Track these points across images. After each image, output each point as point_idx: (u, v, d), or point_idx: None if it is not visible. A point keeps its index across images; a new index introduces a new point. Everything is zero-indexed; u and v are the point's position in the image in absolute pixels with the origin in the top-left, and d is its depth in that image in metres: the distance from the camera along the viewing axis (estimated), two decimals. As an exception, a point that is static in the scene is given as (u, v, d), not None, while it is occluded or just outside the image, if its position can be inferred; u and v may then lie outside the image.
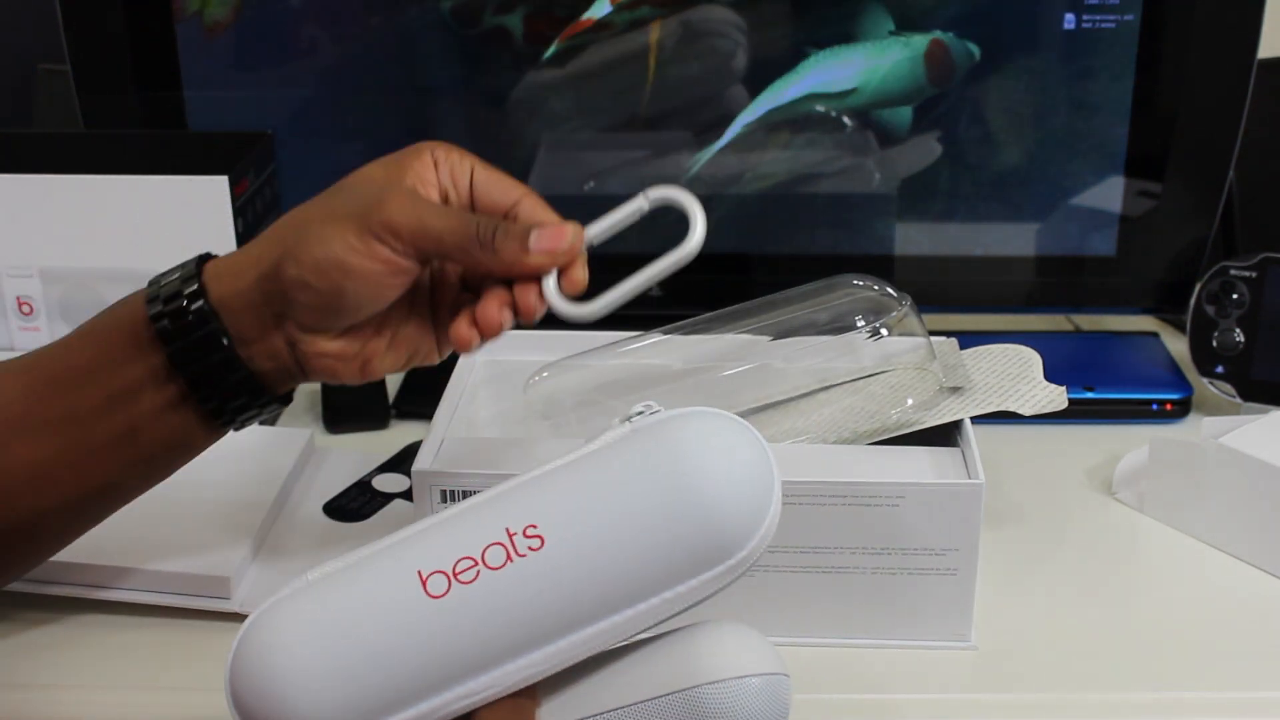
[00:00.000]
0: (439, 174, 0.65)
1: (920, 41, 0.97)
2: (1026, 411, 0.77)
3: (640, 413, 0.55)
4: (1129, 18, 0.96)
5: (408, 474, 0.87)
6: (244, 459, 0.85)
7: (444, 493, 0.70)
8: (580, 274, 0.65)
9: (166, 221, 0.87)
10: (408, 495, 0.85)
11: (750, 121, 1.00)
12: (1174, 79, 0.96)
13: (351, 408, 0.97)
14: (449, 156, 0.65)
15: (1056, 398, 0.78)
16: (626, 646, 0.54)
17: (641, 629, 0.52)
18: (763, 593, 0.71)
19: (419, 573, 0.51)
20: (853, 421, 0.78)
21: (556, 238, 0.63)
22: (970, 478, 0.71)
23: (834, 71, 0.98)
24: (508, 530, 0.51)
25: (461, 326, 0.64)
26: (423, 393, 1.00)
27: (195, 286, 0.62)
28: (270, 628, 0.51)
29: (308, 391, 1.02)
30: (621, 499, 0.51)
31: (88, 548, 0.74)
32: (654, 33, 0.98)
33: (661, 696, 0.52)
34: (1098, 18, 0.96)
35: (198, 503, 0.80)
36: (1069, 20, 0.96)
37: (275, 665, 0.50)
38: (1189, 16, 0.95)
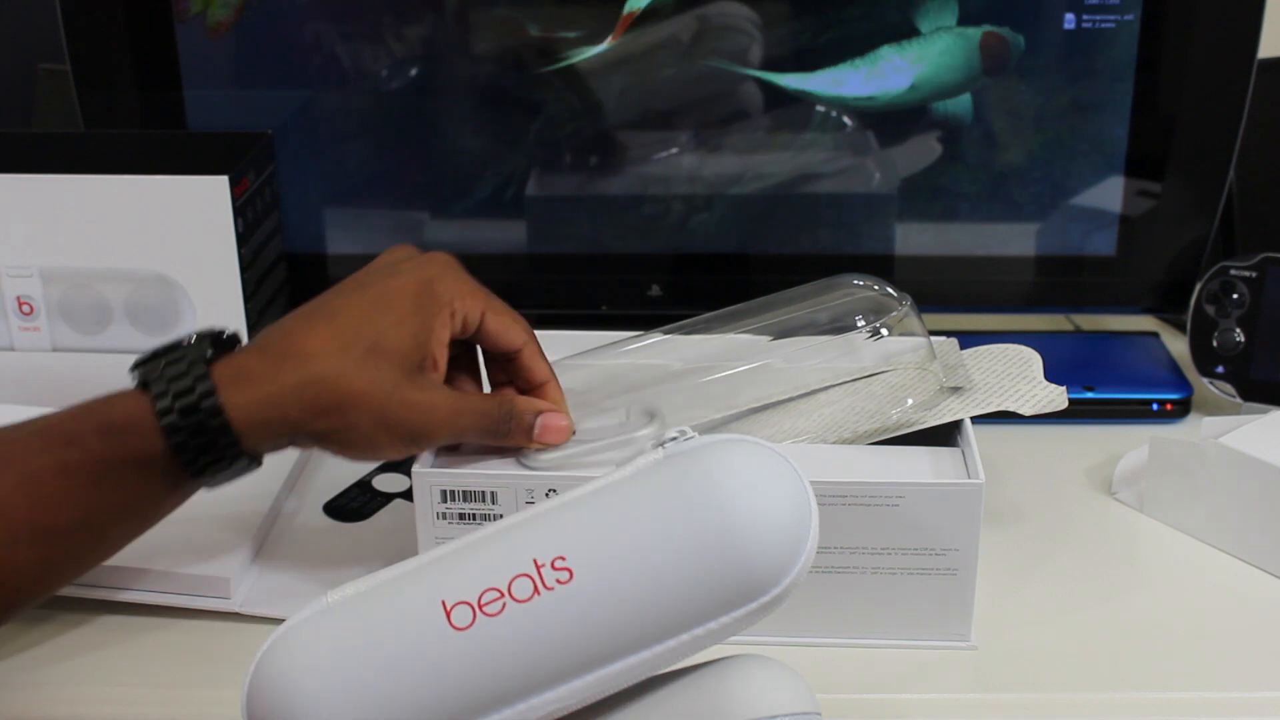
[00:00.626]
0: (453, 324, 0.70)
1: (974, 33, 0.96)
2: (1027, 411, 0.77)
3: (674, 438, 0.53)
4: (1129, 18, 0.96)
5: (407, 473, 0.87)
6: None
7: (444, 492, 0.70)
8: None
9: (167, 221, 0.87)
10: (408, 495, 0.85)
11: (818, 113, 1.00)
12: (1174, 79, 0.96)
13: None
14: (464, 305, 0.70)
15: (1057, 398, 0.78)
16: (655, 679, 0.53)
17: (670, 665, 0.51)
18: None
19: (443, 603, 0.49)
20: (853, 421, 0.78)
21: (555, 435, 0.71)
22: (970, 477, 0.71)
23: (894, 64, 0.98)
24: (535, 561, 0.50)
25: None
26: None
27: (231, 437, 0.63)
28: (290, 651, 0.50)
29: (308, 391, 1.02)
30: (653, 532, 0.50)
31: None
32: (664, 30, 0.98)
33: None
34: (1098, 18, 0.96)
35: (197, 503, 0.79)
36: (1069, 20, 0.96)
37: (294, 691, 0.49)
38: (1189, 16, 0.95)
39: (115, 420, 0.63)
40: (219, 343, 0.66)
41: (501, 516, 0.65)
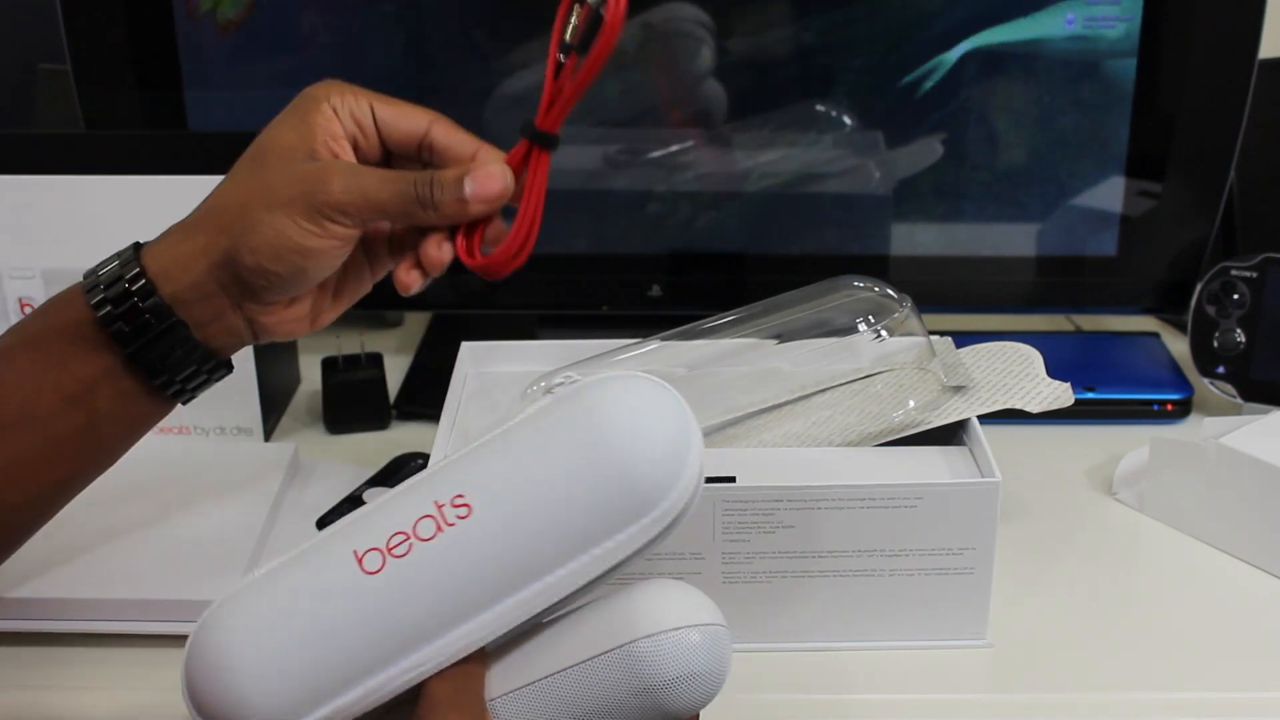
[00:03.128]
0: (342, 122, 0.66)
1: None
2: (1033, 409, 0.77)
3: (560, 384, 0.55)
4: (1130, 18, 0.96)
5: (397, 487, 0.87)
6: (232, 478, 0.85)
7: None
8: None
9: (169, 222, 0.87)
10: None
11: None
12: (1175, 79, 0.97)
13: (352, 409, 0.97)
14: (345, 100, 0.66)
15: (1062, 394, 0.78)
16: (572, 609, 0.55)
17: (577, 587, 0.53)
18: (781, 597, 0.72)
19: (354, 552, 0.52)
20: (857, 423, 0.78)
21: (489, 183, 0.65)
22: (984, 476, 0.71)
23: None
24: (436, 503, 0.52)
25: (403, 273, 0.68)
26: (423, 393, 1.00)
27: (143, 282, 0.63)
28: (218, 625, 0.52)
29: (308, 393, 1.02)
30: (542, 461, 0.52)
31: (83, 581, 0.74)
32: (652, 30, 0.98)
33: (602, 654, 0.53)
34: (1098, 18, 0.96)
35: (190, 526, 0.80)
36: (1070, 20, 0.96)
37: (224, 659, 0.51)
38: (1190, 17, 0.95)
39: (49, 302, 0.65)
40: None
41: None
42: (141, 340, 0.63)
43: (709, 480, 0.70)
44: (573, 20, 0.64)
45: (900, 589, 0.71)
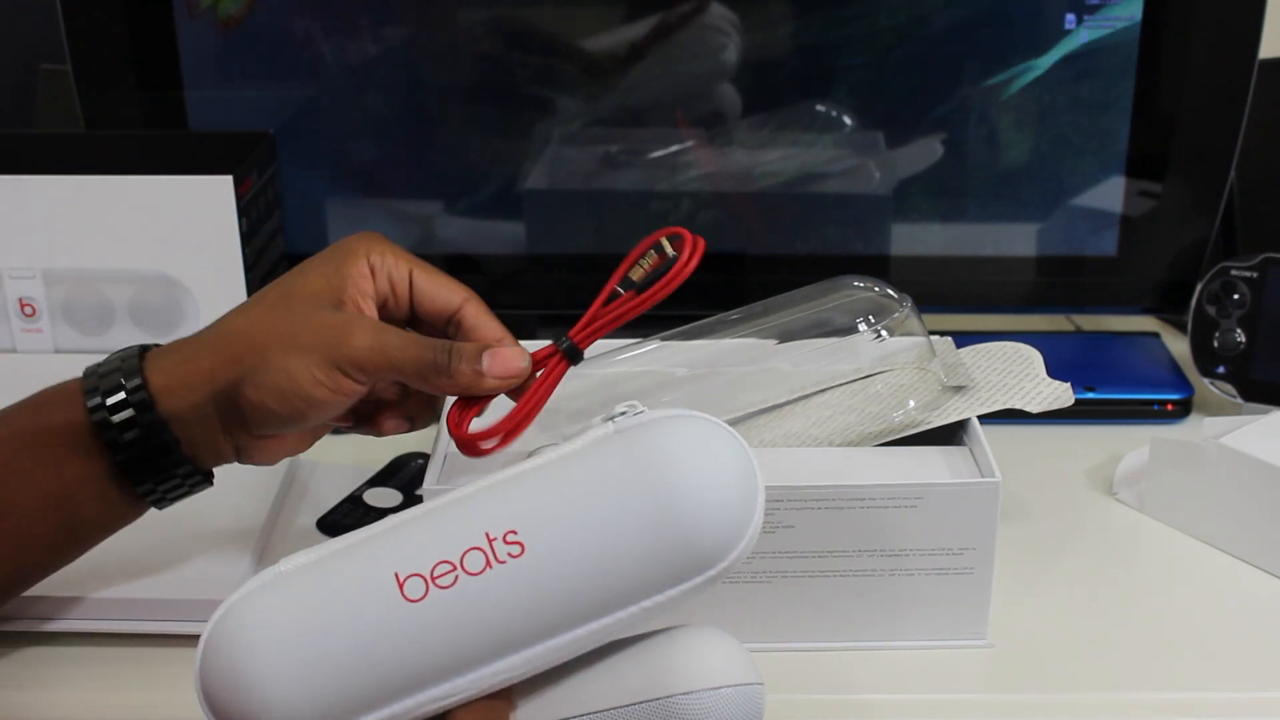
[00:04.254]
0: (376, 282, 0.67)
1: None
2: (1034, 409, 0.77)
3: (624, 413, 0.54)
4: (1130, 18, 0.96)
5: (398, 488, 0.87)
6: (232, 478, 0.84)
7: None
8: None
9: (170, 222, 0.87)
10: (400, 510, 0.84)
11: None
12: (1175, 79, 0.97)
13: (353, 408, 0.97)
14: (385, 260, 0.67)
15: (1063, 394, 0.78)
16: (604, 648, 0.54)
17: (618, 635, 0.52)
18: (782, 598, 0.72)
19: (396, 574, 0.50)
20: (858, 424, 0.78)
21: (508, 362, 0.65)
22: (984, 476, 0.71)
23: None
24: (487, 535, 0.50)
25: (388, 420, 0.69)
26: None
27: (143, 395, 0.63)
28: (242, 621, 0.50)
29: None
30: (603, 507, 0.51)
31: (83, 580, 0.74)
32: (657, 26, 0.98)
33: (636, 704, 0.52)
34: (1099, 18, 0.96)
35: (191, 526, 0.79)
36: (1070, 20, 0.96)
37: (247, 660, 0.50)
38: (1190, 17, 0.95)
39: (44, 396, 0.65)
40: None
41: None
42: (132, 451, 0.63)
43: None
44: (645, 262, 0.66)
45: (900, 589, 0.71)
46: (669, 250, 0.65)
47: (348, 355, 0.62)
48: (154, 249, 0.88)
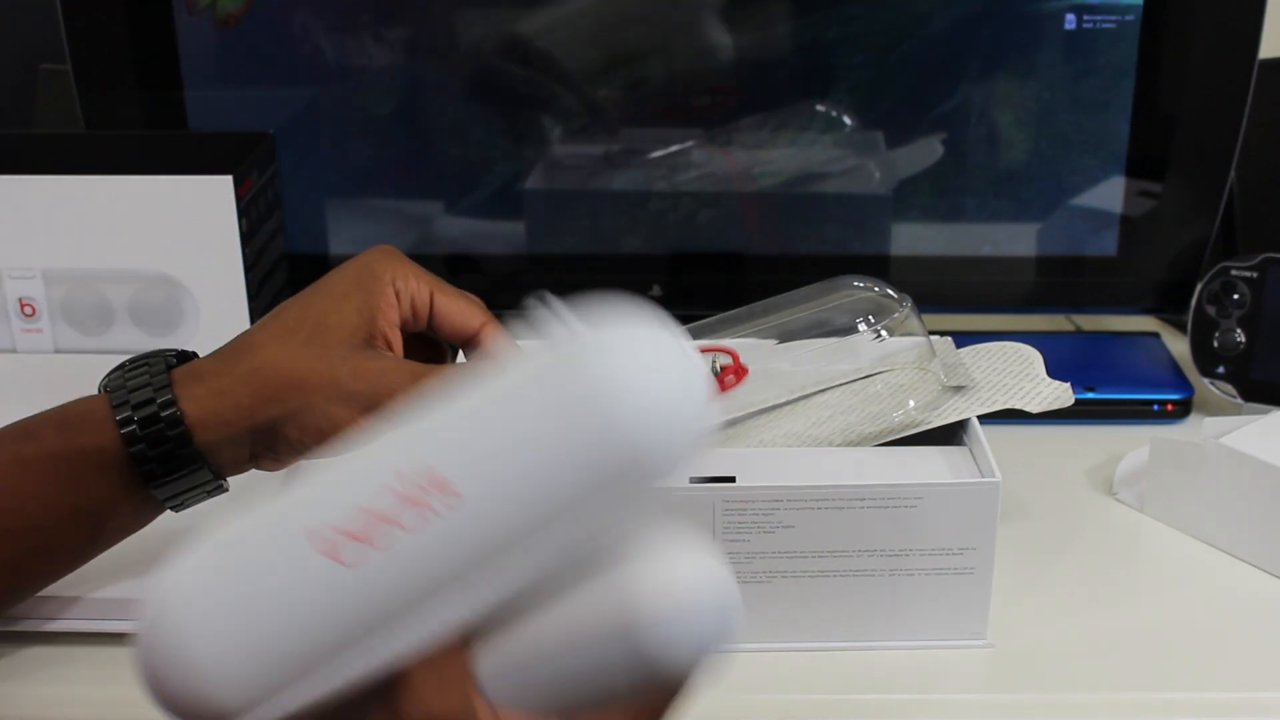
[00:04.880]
0: (400, 307, 0.68)
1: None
2: (1034, 409, 0.77)
3: (554, 329, 0.50)
4: (1129, 18, 0.96)
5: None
6: (232, 479, 0.84)
7: None
8: None
9: (170, 222, 0.87)
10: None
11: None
12: (1175, 79, 0.97)
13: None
14: (408, 285, 0.68)
15: (1063, 394, 0.78)
16: (562, 574, 0.51)
17: (569, 551, 0.49)
18: (782, 598, 0.72)
19: (330, 540, 0.47)
20: (858, 424, 0.78)
21: None
22: (984, 476, 0.71)
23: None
24: (419, 485, 0.47)
25: None
26: (424, 393, 1.00)
27: (181, 430, 0.63)
28: (172, 607, 0.48)
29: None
30: (539, 442, 0.47)
31: (84, 581, 0.73)
32: (656, 23, 0.98)
33: (603, 631, 0.50)
34: (1098, 18, 0.96)
35: (191, 526, 0.79)
36: (1070, 20, 0.96)
37: (182, 645, 0.47)
38: (1190, 16, 0.95)
39: (71, 415, 0.65)
40: (183, 355, 0.67)
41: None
42: (167, 477, 0.64)
43: (709, 480, 0.70)
44: None
45: (900, 589, 0.71)
46: (715, 365, 0.67)
47: (388, 404, 0.63)
48: (154, 249, 0.88)
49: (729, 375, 0.68)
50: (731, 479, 0.71)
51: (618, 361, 0.48)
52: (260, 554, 0.49)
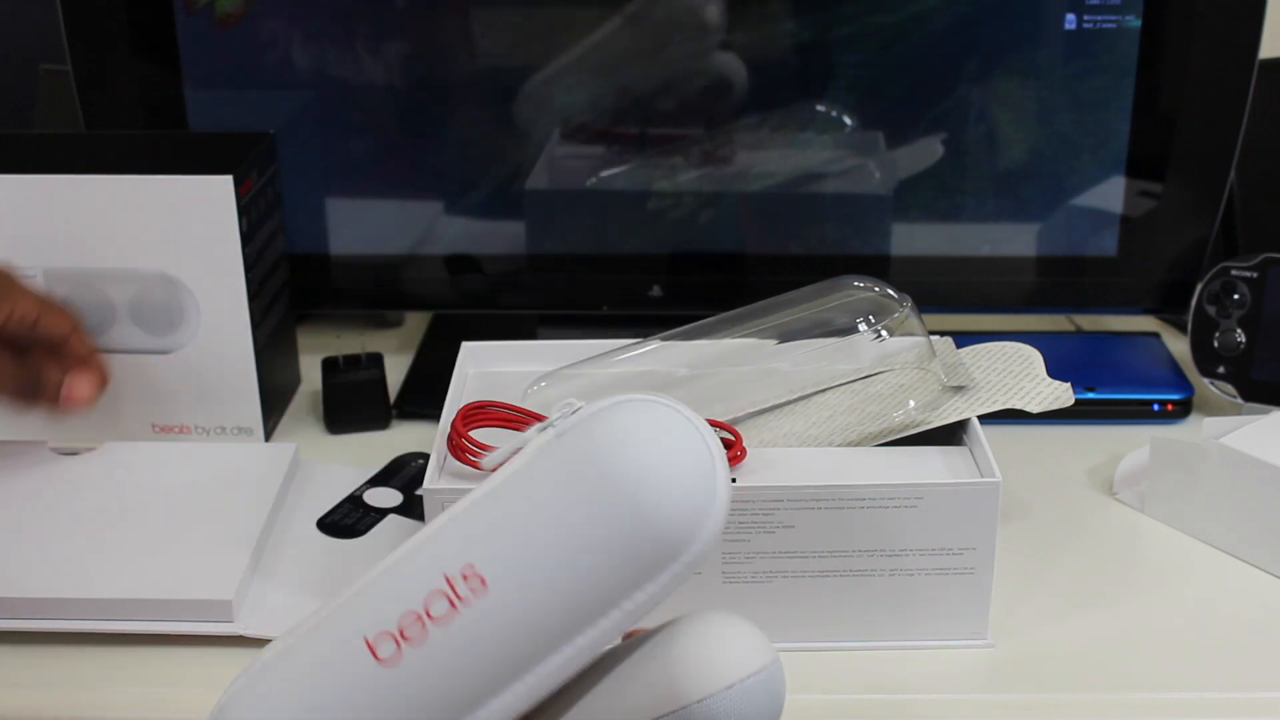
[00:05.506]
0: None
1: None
2: (1034, 409, 0.77)
3: (561, 415, 0.51)
4: (1130, 18, 0.96)
5: (398, 488, 0.87)
6: (233, 478, 0.84)
7: None
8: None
9: (171, 222, 0.87)
10: (400, 510, 0.85)
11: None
12: (1175, 79, 0.97)
13: (352, 409, 0.97)
14: (19, 305, 0.80)
15: (1063, 394, 0.78)
16: (606, 661, 0.52)
17: (607, 643, 0.50)
18: (783, 598, 0.72)
19: (365, 640, 0.48)
20: (858, 424, 0.78)
21: (80, 392, 0.82)
22: (984, 476, 0.71)
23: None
24: (446, 576, 0.48)
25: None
26: (423, 392, 1.00)
27: None
28: (236, 716, 0.49)
29: (308, 393, 1.02)
30: (556, 518, 0.48)
31: (84, 581, 0.74)
32: (658, 23, 0.98)
33: (655, 715, 0.49)
34: (1099, 18, 0.96)
35: (191, 527, 0.79)
36: (1070, 20, 0.96)
37: None
38: (1190, 17, 0.95)
39: None
40: None
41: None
42: None
43: None
44: None
45: (900, 589, 0.71)
46: None
47: None
48: (154, 249, 0.88)
49: (736, 451, 0.70)
50: (732, 479, 0.71)
51: (620, 430, 0.48)
52: (305, 661, 0.49)
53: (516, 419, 0.71)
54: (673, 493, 0.47)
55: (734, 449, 0.70)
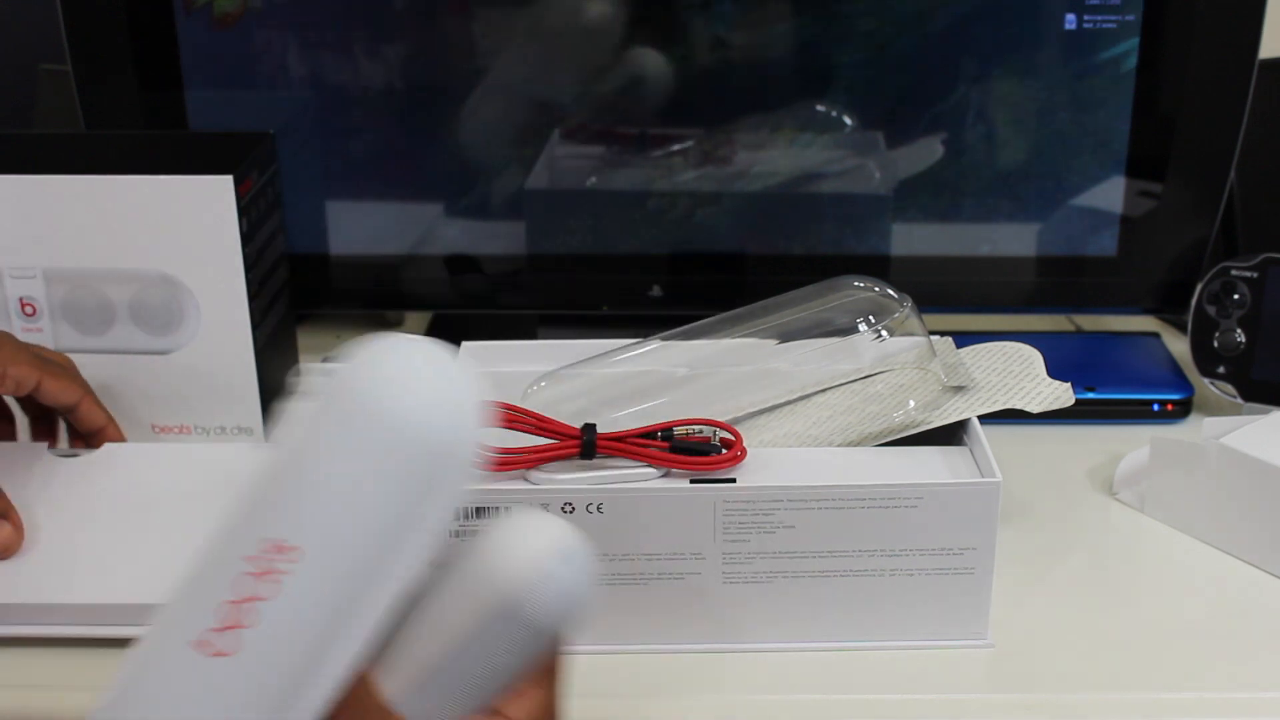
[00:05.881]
0: (4, 386, 0.80)
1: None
2: (1034, 409, 0.77)
3: (308, 389, 0.52)
4: (1130, 18, 0.96)
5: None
6: (233, 479, 0.84)
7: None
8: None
9: (171, 222, 0.87)
10: None
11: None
12: (1175, 79, 0.97)
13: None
14: (17, 371, 0.80)
15: (1063, 394, 0.78)
16: (433, 582, 0.53)
17: (419, 565, 0.51)
18: (783, 598, 0.72)
19: (204, 642, 0.49)
20: (859, 423, 0.78)
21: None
22: (984, 476, 0.71)
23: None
24: (259, 557, 0.50)
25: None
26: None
27: None
28: None
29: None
30: (339, 470, 0.49)
31: (85, 584, 0.74)
32: (659, 26, 0.98)
33: (483, 620, 0.52)
34: (1099, 18, 0.96)
35: (190, 527, 0.79)
36: (1070, 20, 0.96)
37: None
38: (1190, 17, 0.95)
39: None
40: None
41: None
42: None
43: (708, 481, 0.70)
44: (692, 430, 0.71)
45: (900, 589, 0.71)
46: (716, 442, 0.70)
47: None
48: (154, 249, 0.88)
49: (736, 451, 0.71)
50: (732, 479, 0.71)
51: (370, 370, 0.50)
52: (157, 673, 0.51)
53: (516, 419, 0.71)
54: (421, 395, 0.49)
55: (734, 449, 0.71)
